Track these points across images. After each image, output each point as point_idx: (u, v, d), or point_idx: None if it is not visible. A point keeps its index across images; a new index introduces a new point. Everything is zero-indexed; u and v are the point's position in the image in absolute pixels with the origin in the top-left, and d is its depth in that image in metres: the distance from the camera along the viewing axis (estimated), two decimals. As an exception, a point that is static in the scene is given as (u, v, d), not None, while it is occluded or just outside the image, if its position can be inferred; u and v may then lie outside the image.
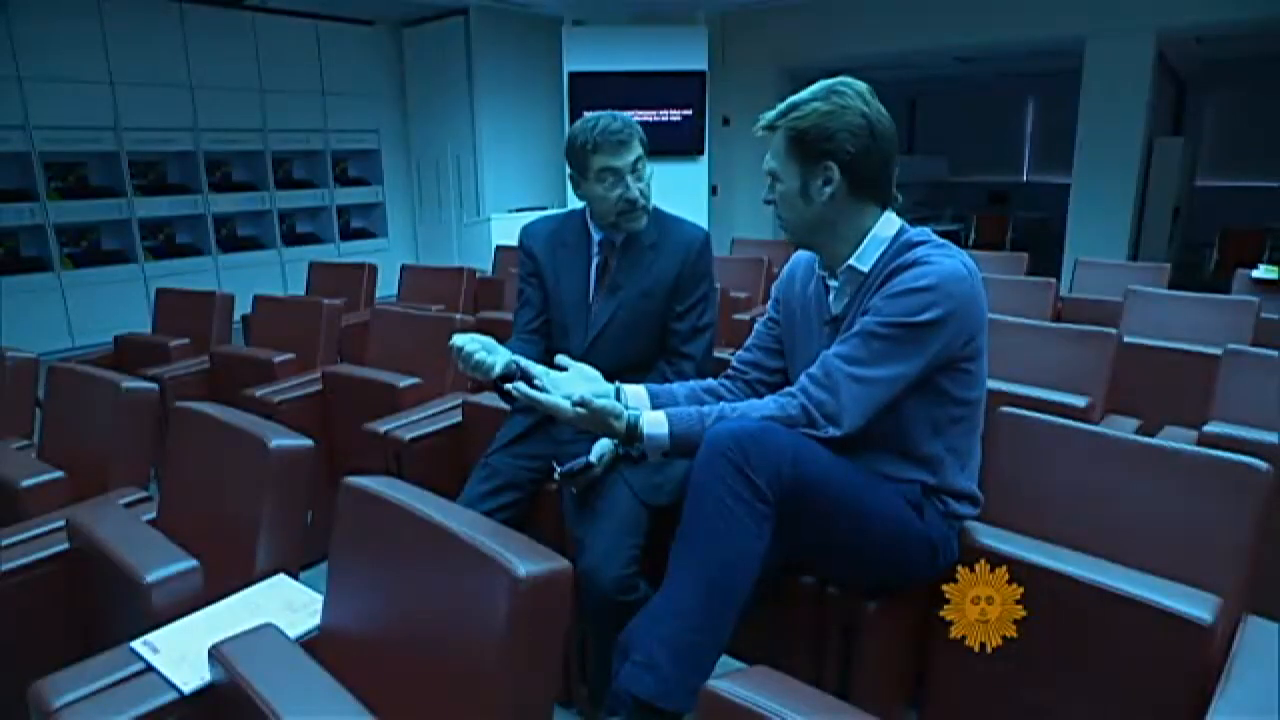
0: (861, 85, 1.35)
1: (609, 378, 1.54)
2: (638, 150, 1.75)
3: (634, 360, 1.80)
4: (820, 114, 1.32)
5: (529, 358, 1.76)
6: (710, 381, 1.59)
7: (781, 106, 1.36)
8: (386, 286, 4.50)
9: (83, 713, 1.06)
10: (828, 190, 1.34)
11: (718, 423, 1.29)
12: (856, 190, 1.35)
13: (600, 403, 1.34)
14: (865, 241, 1.37)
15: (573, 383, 1.50)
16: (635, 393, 1.49)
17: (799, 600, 1.44)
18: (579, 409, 1.34)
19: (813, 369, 1.33)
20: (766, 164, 1.40)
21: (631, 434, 1.34)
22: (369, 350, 2.80)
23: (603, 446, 1.62)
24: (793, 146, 1.34)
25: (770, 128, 1.37)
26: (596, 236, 1.84)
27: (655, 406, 1.46)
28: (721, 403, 1.42)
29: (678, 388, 1.54)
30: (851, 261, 1.38)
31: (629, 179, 1.74)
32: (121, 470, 1.88)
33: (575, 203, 1.89)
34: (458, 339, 1.60)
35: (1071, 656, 1.24)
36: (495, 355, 1.60)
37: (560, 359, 1.56)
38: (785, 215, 1.40)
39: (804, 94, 1.35)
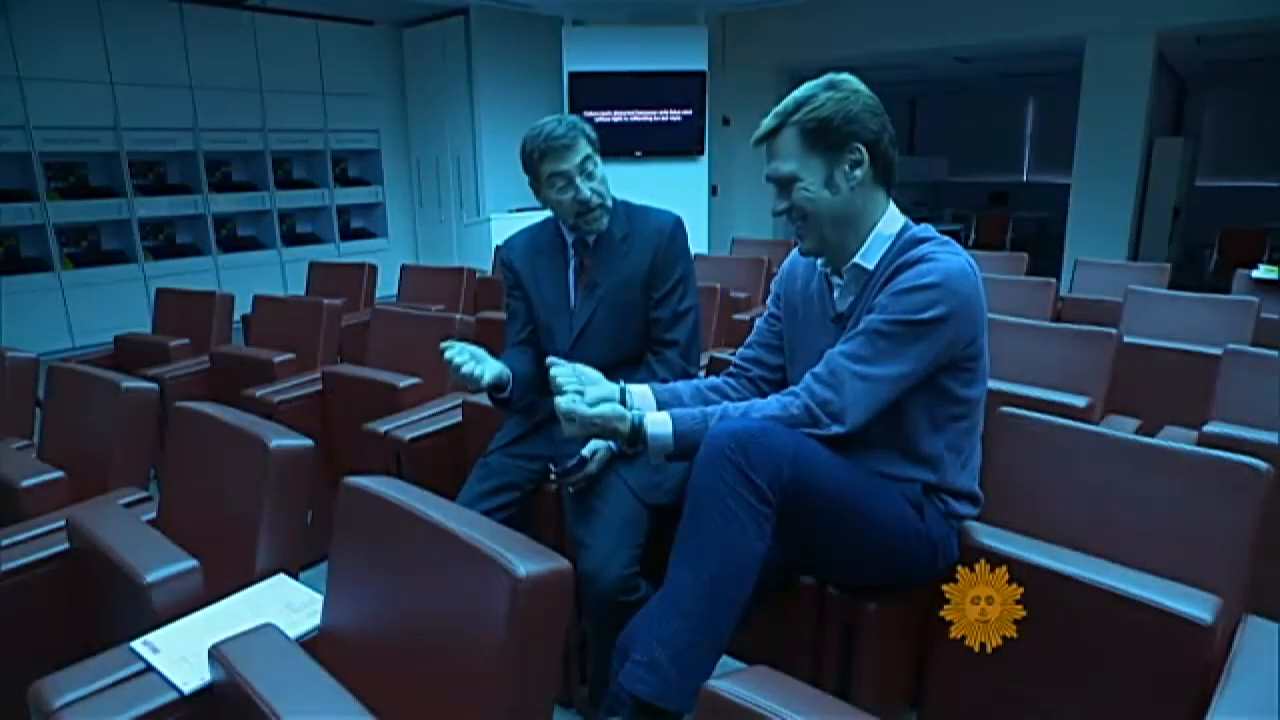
0: (853, 76, 1.36)
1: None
2: (585, 150, 1.74)
3: (621, 355, 1.80)
4: (837, 101, 1.32)
5: (522, 368, 1.78)
6: (714, 379, 1.59)
7: (784, 107, 1.34)
8: (386, 286, 4.50)
9: (83, 713, 1.06)
10: (857, 174, 1.33)
11: (719, 423, 1.29)
12: (878, 173, 1.36)
13: (601, 409, 1.34)
14: (870, 238, 1.37)
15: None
16: (641, 393, 1.48)
17: (799, 600, 1.44)
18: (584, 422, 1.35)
19: (817, 368, 1.33)
20: (778, 169, 1.36)
21: (635, 435, 1.34)
22: (369, 350, 2.80)
23: (596, 443, 1.62)
24: (813, 138, 1.33)
25: (774, 131, 1.35)
26: (570, 239, 1.85)
27: (660, 407, 1.46)
28: (725, 402, 1.42)
29: (682, 387, 1.54)
30: (857, 259, 1.38)
31: (579, 181, 1.73)
32: (121, 470, 1.88)
33: None
34: (448, 352, 1.65)
35: (1071, 656, 1.24)
36: (483, 365, 1.67)
37: (553, 360, 1.54)
38: (808, 212, 1.36)
39: (804, 91, 1.34)
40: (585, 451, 1.61)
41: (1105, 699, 1.23)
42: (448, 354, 1.65)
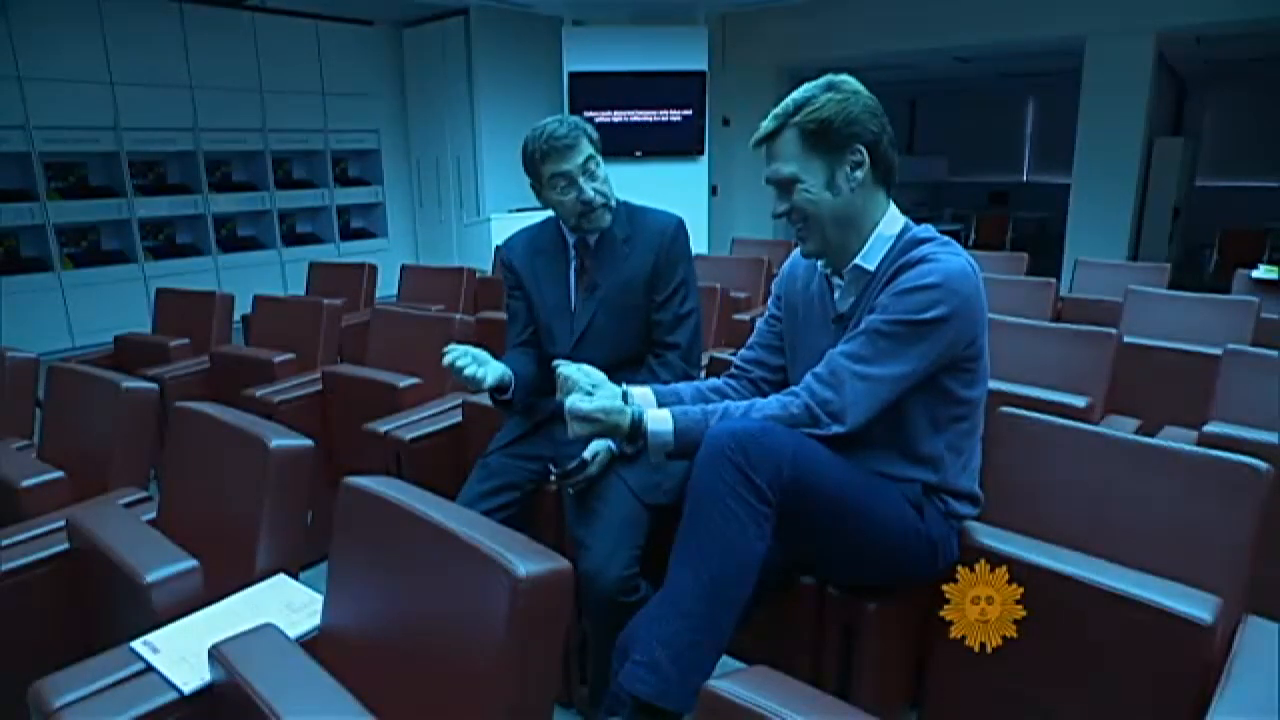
0: (852, 77, 1.36)
1: None
2: (587, 150, 1.73)
3: (622, 356, 1.80)
4: (837, 102, 1.31)
5: (524, 369, 1.78)
6: (715, 381, 1.59)
7: (784, 108, 1.34)
8: (386, 286, 4.50)
9: (83, 713, 1.06)
10: (859, 175, 1.34)
11: (719, 422, 1.29)
12: (878, 175, 1.36)
13: (601, 402, 1.35)
14: (871, 239, 1.37)
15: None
16: (642, 394, 1.48)
17: (799, 600, 1.44)
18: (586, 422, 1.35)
19: (818, 368, 1.33)
20: (778, 171, 1.36)
21: (635, 430, 1.35)
22: (369, 350, 2.80)
23: (597, 445, 1.62)
24: (814, 140, 1.32)
25: (774, 133, 1.35)
26: (571, 239, 1.84)
27: (660, 407, 1.45)
28: (725, 401, 1.42)
29: (683, 388, 1.54)
30: (858, 260, 1.38)
31: (581, 181, 1.73)
32: (121, 470, 1.88)
33: None
34: (451, 354, 1.65)
35: (1071, 656, 1.24)
36: (486, 368, 1.68)
37: (559, 363, 1.55)
38: (809, 214, 1.35)
39: (803, 93, 1.34)
40: (586, 454, 1.61)
41: (1105, 699, 1.23)
42: (449, 357, 1.65)
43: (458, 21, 6.99)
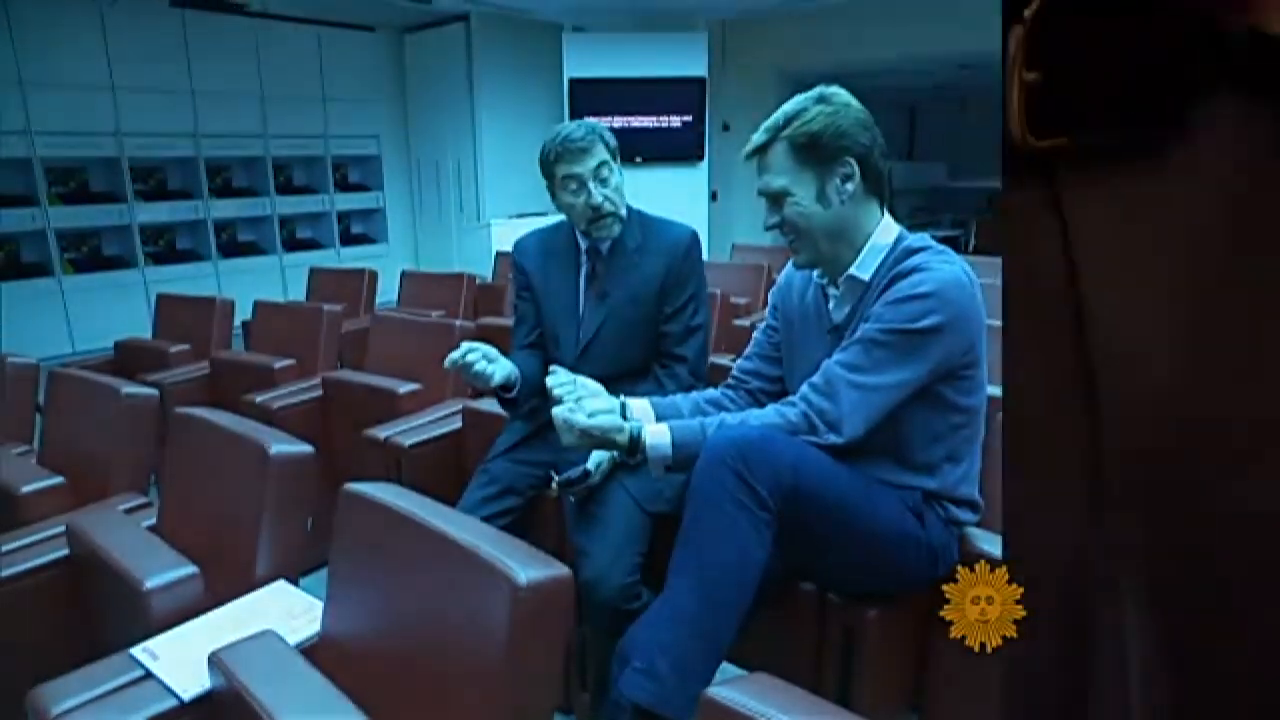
0: (843, 89, 1.37)
1: (604, 385, 1.54)
2: (601, 155, 1.73)
3: (628, 366, 1.80)
4: (826, 115, 1.32)
5: (529, 369, 1.78)
6: (712, 392, 1.58)
7: (774, 121, 1.35)
8: (387, 292, 4.50)
9: (81, 719, 1.06)
10: (849, 187, 1.34)
11: (718, 431, 1.29)
12: (869, 185, 1.36)
13: (599, 420, 1.35)
14: (865, 249, 1.37)
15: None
16: (640, 407, 1.48)
17: (799, 607, 1.44)
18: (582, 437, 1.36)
19: (814, 377, 1.33)
20: (769, 184, 1.36)
21: (634, 446, 1.35)
22: (369, 356, 2.80)
23: (599, 455, 1.62)
24: (804, 153, 1.33)
25: (764, 146, 1.36)
26: (584, 244, 1.84)
27: (658, 420, 1.46)
28: (722, 413, 1.42)
29: (681, 400, 1.54)
30: (852, 271, 1.38)
31: (592, 185, 1.72)
32: (121, 476, 1.88)
33: None
34: (461, 348, 1.65)
35: (1072, 663, 1.24)
36: (495, 365, 1.67)
37: (552, 369, 1.55)
38: (801, 227, 1.36)
39: (794, 105, 1.34)
40: (590, 464, 1.60)
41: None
42: (459, 351, 1.64)
43: (458, 28, 7.00)
